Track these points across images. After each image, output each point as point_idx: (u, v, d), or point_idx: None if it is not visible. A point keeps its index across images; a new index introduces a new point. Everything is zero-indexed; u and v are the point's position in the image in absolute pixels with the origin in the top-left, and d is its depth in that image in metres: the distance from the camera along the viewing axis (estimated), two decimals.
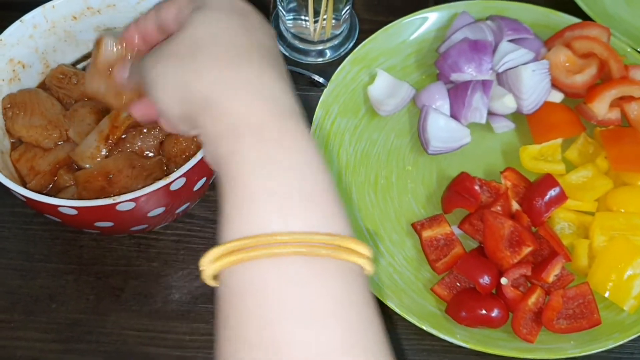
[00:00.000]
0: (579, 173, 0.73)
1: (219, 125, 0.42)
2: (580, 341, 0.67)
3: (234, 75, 0.43)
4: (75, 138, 0.71)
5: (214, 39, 0.44)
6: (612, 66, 0.76)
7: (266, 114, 0.41)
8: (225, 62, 0.43)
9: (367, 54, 0.81)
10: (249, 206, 0.39)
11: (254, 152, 0.40)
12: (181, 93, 0.44)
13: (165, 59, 0.45)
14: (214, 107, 0.42)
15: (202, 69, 0.43)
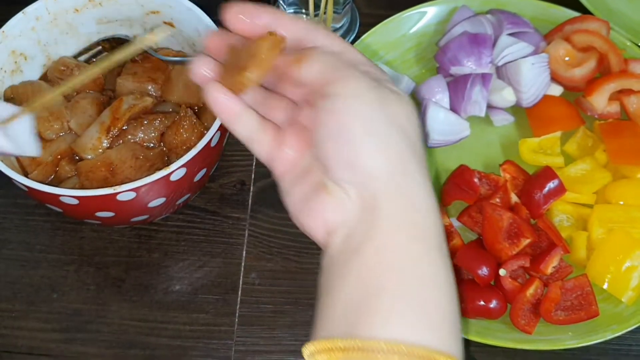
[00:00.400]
0: (578, 166, 0.74)
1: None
2: (578, 332, 0.67)
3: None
4: (77, 129, 0.71)
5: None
6: (612, 59, 0.76)
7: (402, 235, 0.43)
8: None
9: (367, 48, 0.81)
10: (367, 304, 0.41)
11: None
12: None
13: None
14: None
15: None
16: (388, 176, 0.43)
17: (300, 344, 0.69)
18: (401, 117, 0.44)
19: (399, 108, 0.45)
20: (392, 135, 0.44)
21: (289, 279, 0.72)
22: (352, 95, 0.43)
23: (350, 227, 0.44)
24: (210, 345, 0.69)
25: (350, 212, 0.44)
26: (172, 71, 0.73)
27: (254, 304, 0.71)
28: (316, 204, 0.46)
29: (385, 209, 0.43)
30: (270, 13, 0.47)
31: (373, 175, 0.43)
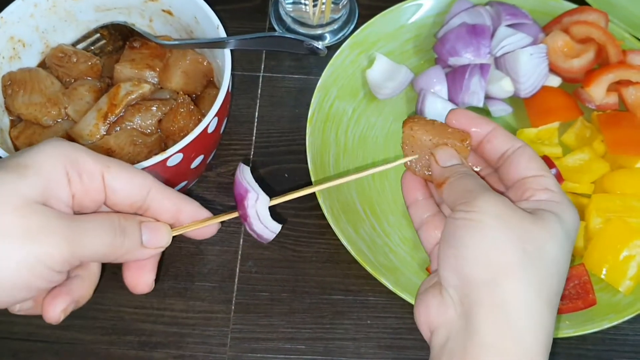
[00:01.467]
0: (576, 156, 0.74)
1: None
2: (575, 321, 0.67)
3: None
4: (74, 116, 0.71)
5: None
6: (610, 51, 0.77)
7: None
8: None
9: (366, 39, 0.81)
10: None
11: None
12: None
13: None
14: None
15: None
16: (486, 285, 0.44)
17: (296, 332, 0.69)
18: (530, 239, 0.44)
19: (532, 230, 0.44)
20: (504, 247, 0.44)
21: (286, 267, 0.72)
22: (474, 210, 0.45)
23: (450, 333, 0.45)
24: (206, 332, 0.69)
25: (452, 317, 0.45)
26: (170, 58, 0.73)
27: (250, 291, 0.71)
28: (426, 298, 0.47)
29: (480, 324, 0.43)
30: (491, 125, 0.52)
31: (470, 281, 0.44)
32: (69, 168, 0.44)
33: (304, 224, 0.74)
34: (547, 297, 0.44)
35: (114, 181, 0.46)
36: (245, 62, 0.84)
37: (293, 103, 0.82)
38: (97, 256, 0.45)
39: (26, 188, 0.42)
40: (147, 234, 0.47)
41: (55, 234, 0.41)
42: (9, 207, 0.41)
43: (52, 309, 0.45)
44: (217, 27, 0.69)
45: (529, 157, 0.49)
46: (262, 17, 0.88)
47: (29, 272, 0.41)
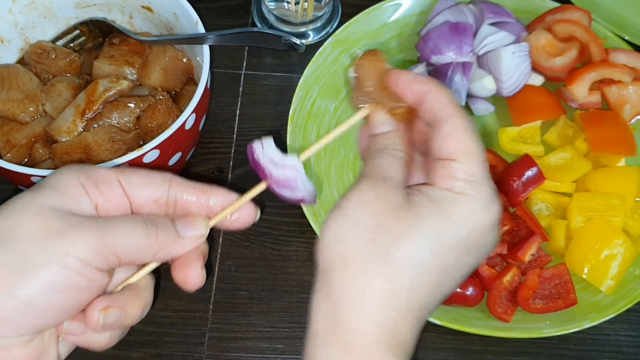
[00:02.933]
0: (558, 155, 0.73)
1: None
2: (556, 321, 0.66)
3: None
4: (52, 112, 0.70)
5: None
6: (593, 49, 0.76)
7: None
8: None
9: (349, 37, 0.81)
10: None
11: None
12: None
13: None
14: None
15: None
16: (326, 274, 0.43)
17: (275, 331, 0.69)
18: (390, 235, 0.42)
19: (398, 227, 0.42)
20: (356, 238, 0.42)
21: (266, 266, 0.72)
22: (347, 198, 0.44)
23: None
24: (184, 332, 0.68)
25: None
26: (150, 55, 0.73)
27: (229, 290, 0.70)
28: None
29: (315, 309, 0.43)
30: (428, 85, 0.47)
31: (321, 267, 0.43)
32: (84, 180, 0.44)
33: (284, 223, 0.74)
34: (391, 293, 0.41)
35: (131, 181, 0.46)
36: (227, 59, 0.83)
37: (275, 101, 0.81)
38: (133, 250, 0.43)
39: (44, 199, 0.42)
40: (181, 224, 0.46)
41: (80, 228, 0.41)
42: (28, 214, 0.41)
43: (91, 309, 0.43)
44: (196, 22, 0.69)
45: (446, 135, 0.44)
46: (244, 15, 0.87)
47: (64, 268, 0.40)
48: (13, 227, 0.41)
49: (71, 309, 0.42)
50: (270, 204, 0.74)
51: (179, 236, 0.45)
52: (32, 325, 0.41)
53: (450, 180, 0.43)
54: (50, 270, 0.40)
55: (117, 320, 0.44)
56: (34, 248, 0.40)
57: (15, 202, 0.42)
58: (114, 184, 0.45)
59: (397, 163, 0.46)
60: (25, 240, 0.40)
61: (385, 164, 0.45)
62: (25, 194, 0.42)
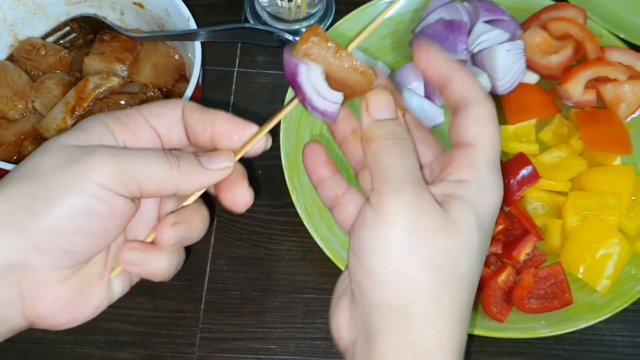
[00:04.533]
0: (553, 153, 0.73)
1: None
2: (551, 321, 0.66)
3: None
4: (42, 110, 0.70)
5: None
6: (588, 47, 0.76)
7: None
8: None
9: (343, 34, 0.80)
10: None
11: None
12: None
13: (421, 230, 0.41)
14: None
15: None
16: (392, 312, 0.41)
17: (267, 331, 0.68)
18: (442, 254, 0.41)
19: (444, 243, 0.41)
20: (413, 269, 0.40)
21: (258, 265, 0.71)
22: (383, 214, 0.41)
23: (357, 356, 0.43)
24: (174, 332, 0.67)
25: (357, 336, 0.43)
26: (141, 52, 0.72)
27: (221, 290, 0.69)
28: (339, 308, 0.45)
29: (379, 343, 0.41)
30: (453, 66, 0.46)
31: (375, 306, 0.41)
32: (108, 119, 0.44)
33: (276, 222, 0.73)
34: (459, 314, 0.41)
35: (151, 110, 0.45)
36: (219, 57, 0.82)
37: (268, 99, 0.80)
38: (153, 177, 0.43)
39: (68, 139, 0.42)
40: (205, 158, 0.45)
41: (97, 152, 0.41)
42: (52, 151, 0.42)
43: (161, 226, 0.45)
44: (187, 19, 0.68)
45: (470, 120, 0.44)
46: (237, 13, 0.86)
47: (83, 193, 0.40)
48: (39, 163, 0.42)
49: (98, 236, 0.42)
50: (263, 202, 0.74)
51: (202, 167, 0.45)
52: (63, 254, 0.41)
53: (473, 168, 0.43)
54: (71, 196, 0.40)
55: (186, 235, 0.46)
56: (55, 176, 0.41)
57: (44, 144, 0.43)
58: (137, 116, 0.45)
59: (415, 159, 0.44)
60: (48, 171, 0.41)
61: (407, 164, 0.43)
62: (52, 138, 0.43)
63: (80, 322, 0.45)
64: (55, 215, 0.40)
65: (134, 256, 0.45)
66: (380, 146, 0.43)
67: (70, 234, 0.41)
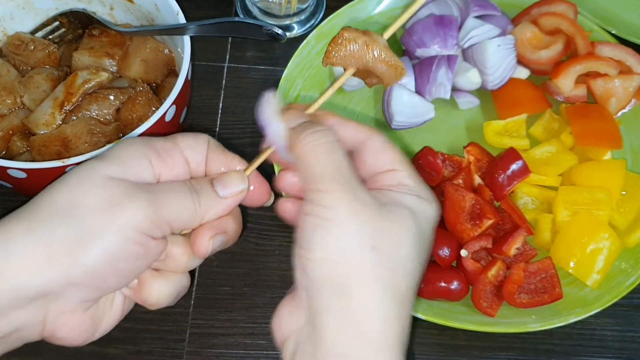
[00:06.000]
0: (543, 148, 0.73)
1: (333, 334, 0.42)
2: (541, 316, 0.66)
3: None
4: (30, 105, 0.69)
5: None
6: (578, 42, 0.76)
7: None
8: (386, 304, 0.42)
9: (333, 29, 0.80)
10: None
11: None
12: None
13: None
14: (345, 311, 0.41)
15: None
16: (334, 289, 0.41)
17: (257, 327, 0.67)
18: (382, 236, 0.42)
19: (384, 227, 0.42)
20: (354, 246, 0.41)
21: (248, 261, 0.70)
22: (324, 206, 0.42)
23: (299, 341, 0.43)
24: (164, 328, 0.67)
25: (301, 323, 0.43)
26: (130, 46, 0.71)
27: (210, 286, 0.69)
28: (281, 306, 0.46)
29: (327, 332, 0.41)
30: (335, 118, 0.48)
31: (318, 284, 0.42)
32: (148, 151, 0.46)
33: (266, 217, 0.73)
34: (401, 297, 0.42)
35: (186, 144, 0.48)
36: (209, 52, 0.82)
37: (258, 94, 0.78)
38: (181, 217, 0.46)
39: (106, 169, 0.44)
40: (219, 185, 0.48)
41: (137, 198, 0.43)
42: (91, 185, 0.43)
43: (200, 238, 0.47)
44: (177, 13, 0.68)
45: (376, 151, 0.46)
46: (228, 8, 0.86)
47: (123, 238, 0.43)
48: (78, 199, 0.43)
49: (130, 275, 0.45)
50: None
51: (219, 197, 0.47)
52: (97, 289, 0.44)
53: (403, 187, 0.45)
54: (112, 241, 0.43)
55: (223, 243, 0.49)
56: (96, 219, 0.42)
57: (79, 172, 0.44)
58: (175, 151, 0.47)
59: (344, 155, 0.45)
60: (89, 211, 0.43)
61: (336, 159, 0.44)
62: (89, 164, 0.45)
63: (90, 341, 0.48)
64: (96, 259, 0.42)
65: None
66: (302, 146, 0.45)
67: (106, 275, 0.44)
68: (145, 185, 0.45)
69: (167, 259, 0.47)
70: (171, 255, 0.47)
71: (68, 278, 0.42)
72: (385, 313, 0.41)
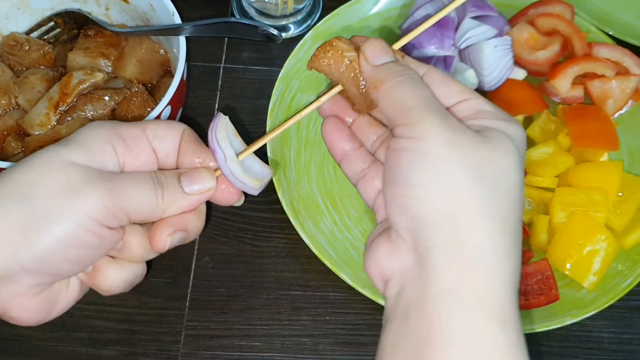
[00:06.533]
0: (540, 149, 0.72)
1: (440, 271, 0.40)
2: (538, 317, 0.65)
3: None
4: (25, 105, 0.69)
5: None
6: (575, 43, 0.75)
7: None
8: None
9: (329, 30, 0.80)
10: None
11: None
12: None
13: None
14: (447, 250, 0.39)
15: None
16: (442, 225, 0.39)
17: (252, 328, 0.67)
18: (486, 164, 0.40)
19: (486, 155, 0.40)
20: (458, 178, 0.39)
21: (244, 262, 0.70)
22: (418, 137, 0.40)
23: (405, 281, 0.41)
24: (159, 330, 0.66)
25: (406, 263, 0.41)
26: (126, 47, 0.71)
27: (206, 287, 0.69)
28: (376, 246, 0.43)
29: (437, 269, 0.39)
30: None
31: (424, 223, 0.40)
32: (113, 137, 0.45)
33: (262, 218, 0.72)
34: (512, 229, 0.40)
35: (156, 133, 0.47)
36: (205, 53, 0.82)
37: (254, 95, 0.80)
38: (141, 208, 0.45)
39: (69, 154, 0.43)
40: (186, 180, 0.47)
41: (96, 185, 0.43)
42: (51, 169, 0.43)
43: (158, 234, 0.46)
44: (172, 14, 0.68)
45: (440, 84, 0.44)
46: (224, 9, 0.86)
47: (77, 226, 0.42)
48: (36, 181, 0.42)
49: (83, 263, 0.45)
50: (248, 199, 0.73)
51: (184, 193, 0.47)
52: (47, 276, 0.44)
53: (485, 113, 0.43)
54: (66, 228, 0.42)
55: (181, 240, 0.48)
56: (52, 204, 0.42)
57: (42, 154, 0.44)
58: (143, 139, 0.47)
59: (428, 89, 0.43)
60: (45, 195, 0.42)
61: (423, 93, 0.42)
62: (52, 148, 0.44)
63: (45, 321, 0.47)
64: (48, 245, 0.42)
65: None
66: (389, 86, 0.43)
67: (58, 262, 0.43)
68: (107, 174, 0.44)
69: (123, 248, 0.47)
70: (128, 246, 0.47)
71: (19, 262, 0.42)
72: (497, 247, 0.39)
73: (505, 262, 0.39)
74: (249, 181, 0.48)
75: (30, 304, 0.45)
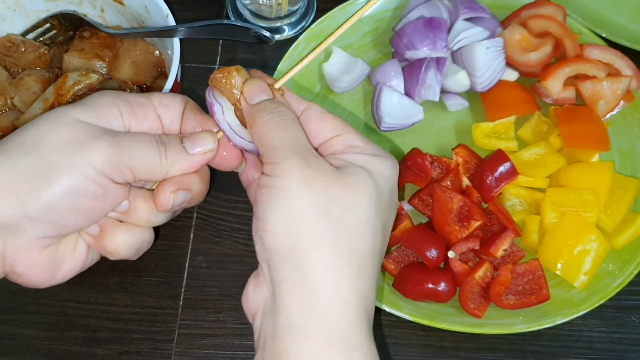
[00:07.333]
0: (532, 150, 0.73)
1: (289, 308, 0.42)
2: (528, 317, 0.66)
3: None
4: (21, 106, 0.69)
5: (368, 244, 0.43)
6: (567, 45, 0.76)
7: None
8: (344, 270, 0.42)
9: (323, 31, 0.80)
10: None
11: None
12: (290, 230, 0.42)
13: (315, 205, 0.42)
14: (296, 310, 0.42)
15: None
16: (288, 259, 0.42)
17: (245, 327, 0.68)
18: (335, 201, 0.42)
19: (337, 191, 0.42)
20: (304, 214, 0.42)
21: (237, 262, 0.71)
22: (279, 176, 0.43)
23: (264, 314, 0.43)
24: (152, 329, 0.67)
25: (265, 296, 0.44)
26: (121, 48, 0.72)
27: (200, 287, 0.69)
28: (247, 282, 0.46)
29: (283, 301, 0.42)
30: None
31: (274, 256, 0.42)
32: (120, 102, 0.48)
33: None
34: (358, 261, 0.42)
35: (161, 101, 0.49)
36: (200, 54, 0.82)
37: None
38: (144, 165, 0.47)
39: (76, 112, 0.46)
40: (189, 142, 0.48)
41: (100, 140, 0.45)
42: (58, 124, 0.45)
43: (162, 191, 0.48)
44: (166, 15, 0.68)
45: (317, 119, 0.47)
46: (219, 10, 0.86)
47: (82, 176, 0.44)
48: (43, 135, 0.44)
49: (87, 216, 0.46)
50: (241, 199, 0.74)
51: (187, 153, 0.48)
52: (53, 226, 0.45)
53: (353, 148, 0.45)
54: (71, 178, 0.44)
55: (184, 201, 0.49)
56: (58, 155, 0.44)
57: (50, 113, 0.46)
58: (148, 106, 0.49)
59: (299, 127, 0.46)
60: (52, 147, 0.44)
61: (290, 133, 0.45)
62: (60, 109, 0.46)
63: (50, 284, 0.49)
64: (53, 193, 0.44)
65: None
66: (259, 124, 0.45)
67: (63, 211, 0.45)
68: (112, 131, 0.46)
69: (130, 211, 0.48)
70: (134, 208, 0.48)
71: (24, 211, 0.43)
72: (338, 278, 0.41)
73: (349, 291, 0.42)
74: (247, 134, 0.49)
75: (35, 259, 0.46)
